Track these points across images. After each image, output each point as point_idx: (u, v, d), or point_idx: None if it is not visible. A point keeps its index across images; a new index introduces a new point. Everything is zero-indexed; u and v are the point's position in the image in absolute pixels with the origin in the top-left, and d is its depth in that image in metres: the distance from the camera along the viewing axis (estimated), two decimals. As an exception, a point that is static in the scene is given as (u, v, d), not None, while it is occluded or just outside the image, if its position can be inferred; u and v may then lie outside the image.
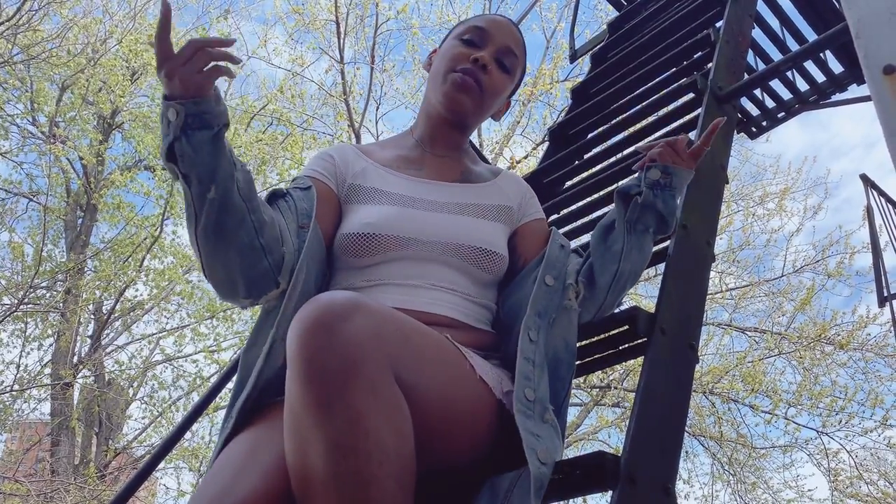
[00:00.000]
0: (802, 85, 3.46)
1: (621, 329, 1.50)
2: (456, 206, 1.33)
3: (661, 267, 1.62)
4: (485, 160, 3.35)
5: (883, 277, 4.73)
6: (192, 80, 1.00)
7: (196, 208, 1.07)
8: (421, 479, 1.02)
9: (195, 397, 8.13)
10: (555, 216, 2.30)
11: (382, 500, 0.81)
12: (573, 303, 1.26)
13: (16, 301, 7.63)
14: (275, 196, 1.25)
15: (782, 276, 9.33)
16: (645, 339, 1.43)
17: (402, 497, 0.83)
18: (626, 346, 1.56)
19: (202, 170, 1.04)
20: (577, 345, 1.56)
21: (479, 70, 1.34)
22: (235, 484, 0.90)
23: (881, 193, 4.92)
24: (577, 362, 1.67)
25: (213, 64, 1.00)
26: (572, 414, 8.79)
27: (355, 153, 1.40)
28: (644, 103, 2.43)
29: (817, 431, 8.58)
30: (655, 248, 1.76)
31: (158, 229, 8.29)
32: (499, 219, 1.37)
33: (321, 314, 0.87)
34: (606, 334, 1.55)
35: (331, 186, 1.33)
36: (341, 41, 8.48)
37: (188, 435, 7.94)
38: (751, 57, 3.07)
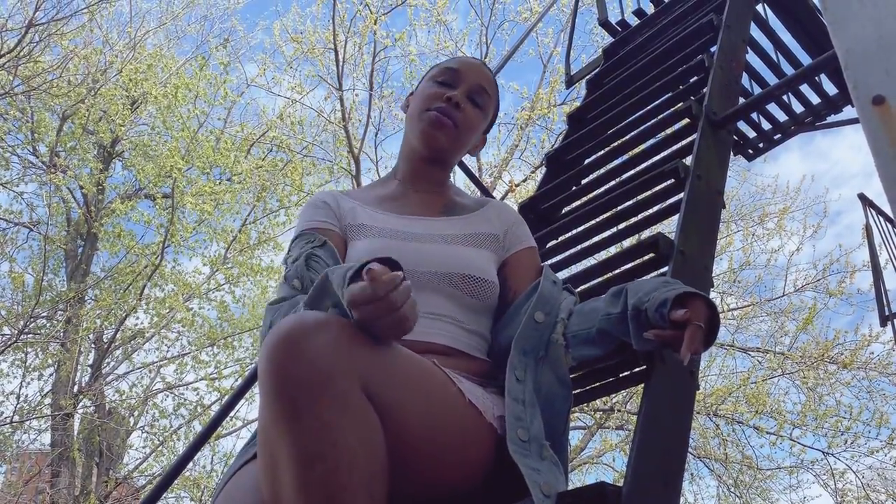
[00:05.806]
0: (798, 107, 3.47)
1: (621, 357, 1.49)
2: (441, 237, 1.35)
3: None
4: (481, 186, 3.35)
5: (884, 296, 4.72)
6: None
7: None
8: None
9: (197, 426, 8.08)
10: (553, 242, 2.30)
11: None
12: (560, 336, 1.25)
13: (16, 331, 7.60)
14: (308, 259, 1.27)
15: (783, 295, 9.30)
16: (645, 366, 1.42)
17: None
18: (626, 373, 1.55)
19: None
20: (578, 371, 1.56)
21: (453, 108, 1.39)
22: None
23: (880, 212, 4.92)
24: (577, 390, 1.66)
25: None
26: (576, 438, 8.72)
27: (341, 196, 1.45)
28: (640, 128, 2.44)
29: (823, 452, 8.51)
30: (654, 273, 1.77)
31: (159, 257, 8.29)
32: (484, 246, 1.39)
33: (290, 329, 0.87)
34: (606, 363, 1.54)
35: (338, 231, 1.36)
36: (340, 69, 8.55)
37: (189, 465, 7.87)
38: (746, 80, 3.09)
